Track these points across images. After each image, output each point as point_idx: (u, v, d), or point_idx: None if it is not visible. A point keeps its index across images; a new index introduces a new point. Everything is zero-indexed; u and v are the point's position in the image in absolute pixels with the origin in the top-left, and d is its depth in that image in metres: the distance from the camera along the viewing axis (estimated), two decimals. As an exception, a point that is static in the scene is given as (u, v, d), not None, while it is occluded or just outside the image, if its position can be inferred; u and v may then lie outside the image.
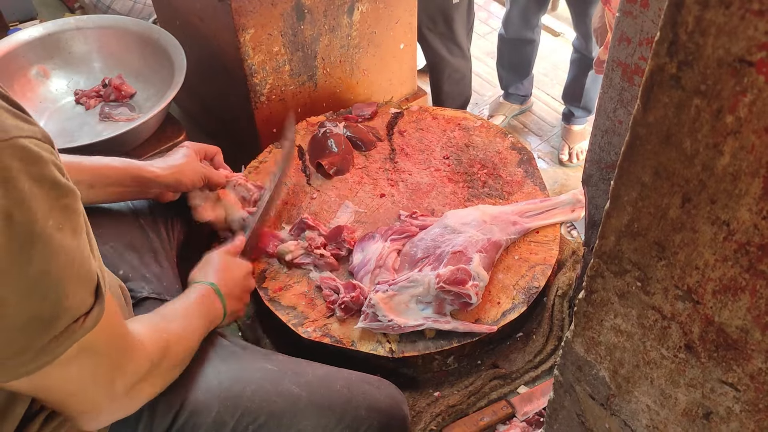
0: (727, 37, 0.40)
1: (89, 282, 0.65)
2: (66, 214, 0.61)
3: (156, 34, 1.71)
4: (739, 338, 0.50)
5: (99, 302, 0.67)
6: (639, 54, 0.85)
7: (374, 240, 1.35)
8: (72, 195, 0.62)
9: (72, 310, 0.63)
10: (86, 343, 0.68)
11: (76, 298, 0.63)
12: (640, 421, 0.67)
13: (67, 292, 0.61)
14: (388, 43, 1.82)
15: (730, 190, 0.44)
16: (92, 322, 0.66)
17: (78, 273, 0.63)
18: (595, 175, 1.08)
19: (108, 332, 0.73)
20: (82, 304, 0.64)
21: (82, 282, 0.63)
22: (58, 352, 0.64)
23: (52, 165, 0.59)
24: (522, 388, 1.32)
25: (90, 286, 0.65)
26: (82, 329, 0.65)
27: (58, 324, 0.62)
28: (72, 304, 0.62)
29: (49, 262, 0.59)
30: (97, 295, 0.67)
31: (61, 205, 0.60)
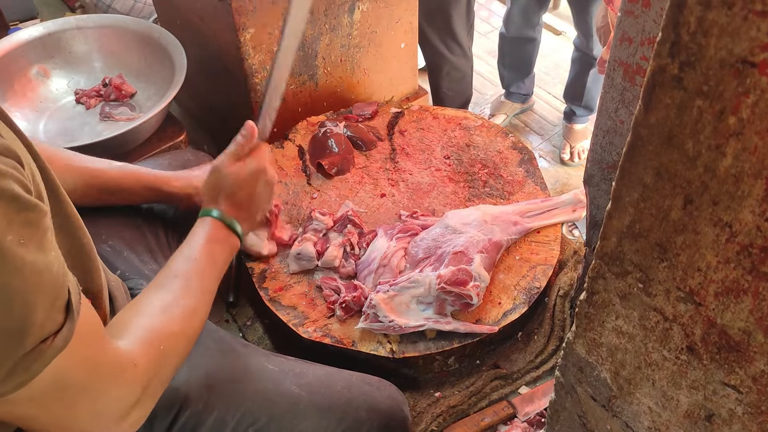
0: (729, 37, 0.39)
1: (58, 299, 0.61)
2: (29, 230, 0.58)
3: (156, 33, 1.70)
4: (741, 340, 0.50)
5: (69, 320, 0.63)
6: (640, 54, 0.84)
7: (378, 239, 1.35)
8: (36, 210, 0.59)
9: (40, 327, 0.59)
10: (62, 376, 0.64)
11: (44, 314, 0.60)
12: (642, 423, 0.67)
13: (35, 308, 0.58)
14: (389, 42, 1.82)
15: (732, 192, 0.44)
16: (62, 342, 0.62)
17: (46, 289, 0.59)
18: (596, 175, 1.08)
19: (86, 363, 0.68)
20: (51, 321, 0.60)
21: (50, 299, 0.60)
22: (27, 376, 0.60)
23: (12, 180, 0.56)
24: (523, 388, 1.32)
25: (60, 304, 0.62)
26: (51, 349, 0.61)
27: (26, 341, 0.58)
28: (39, 320, 0.59)
29: (11, 276, 0.56)
30: (68, 312, 0.63)
31: (22, 220, 0.57)
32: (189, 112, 2.06)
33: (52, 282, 0.60)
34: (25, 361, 0.59)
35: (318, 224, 1.39)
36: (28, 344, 0.59)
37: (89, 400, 0.69)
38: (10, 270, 0.56)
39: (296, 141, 1.64)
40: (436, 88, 2.45)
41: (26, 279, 0.57)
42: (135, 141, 1.60)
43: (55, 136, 1.65)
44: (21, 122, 1.65)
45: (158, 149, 1.63)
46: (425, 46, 2.31)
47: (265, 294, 1.32)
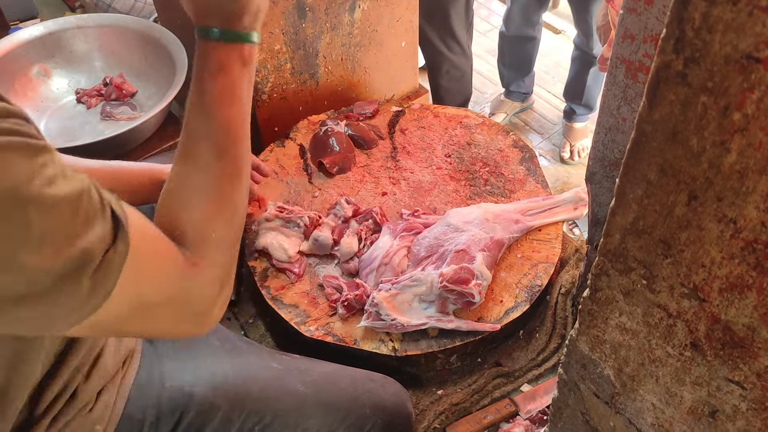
0: (734, 33, 0.40)
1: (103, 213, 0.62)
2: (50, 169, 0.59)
3: (157, 32, 1.70)
4: (745, 336, 0.50)
5: (120, 229, 0.63)
6: (643, 51, 0.84)
7: (382, 237, 1.35)
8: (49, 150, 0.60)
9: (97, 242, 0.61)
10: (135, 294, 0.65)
11: (97, 231, 0.61)
12: (645, 420, 0.67)
13: (87, 230, 0.60)
14: (390, 41, 1.82)
15: (737, 188, 0.44)
16: (123, 246, 0.63)
17: (88, 210, 0.61)
18: (598, 173, 1.08)
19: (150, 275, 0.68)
20: (104, 234, 0.62)
21: (96, 216, 0.61)
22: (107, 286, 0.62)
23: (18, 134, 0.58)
24: (525, 386, 1.32)
25: (105, 216, 0.63)
26: (117, 255, 0.62)
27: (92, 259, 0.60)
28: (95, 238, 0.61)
29: (56, 216, 0.58)
30: (116, 222, 0.64)
31: (41, 162, 0.58)
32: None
33: (91, 201, 0.62)
34: (98, 274, 0.61)
35: (339, 210, 1.40)
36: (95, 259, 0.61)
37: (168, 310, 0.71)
38: (53, 208, 0.57)
39: (297, 140, 1.64)
40: (435, 87, 2.45)
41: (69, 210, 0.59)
42: (136, 140, 1.60)
43: (56, 136, 1.65)
44: (22, 122, 1.65)
45: (159, 148, 1.63)
46: (424, 45, 2.31)
47: (267, 292, 1.32)
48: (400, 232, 1.35)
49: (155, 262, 0.69)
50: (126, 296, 0.65)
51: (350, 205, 1.42)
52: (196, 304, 0.73)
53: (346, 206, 1.41)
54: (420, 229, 1.37)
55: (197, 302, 0.73)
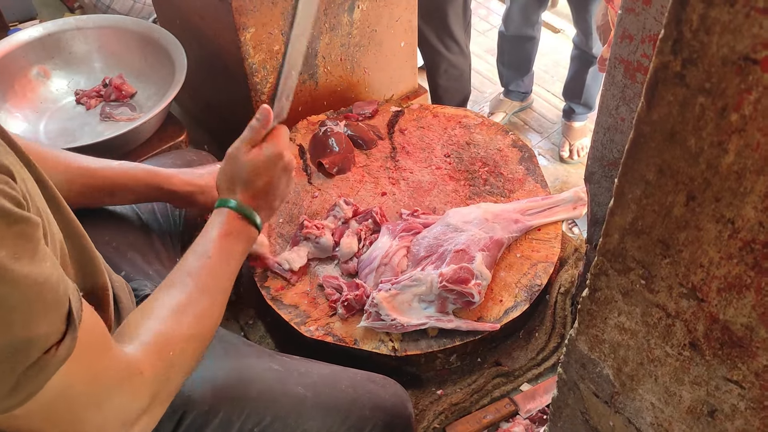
0: (731, 35, 0.40)
1: (59, 309, 0.61)
2: (23, 243, 0.57)
3: (156, 33, 1.70)
4: (744, 336, 0.50)
5: (71, 329, 0.62)
6: (641, 51, 0.85)
7: (381, 237, 1.35)
8: (28, 223, 0.58)
9: (43, 338, 0.59)
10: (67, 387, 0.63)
11: (45, 326, 0.59)
12: (645, 419, 0.67)
13: (35, 320, 0.58)
14: (389, 41, 1.82)
15: (734, 188, 0.44)
16: (66, 351, 0.61)
17: (45, 300, 0.59)
18: (597, 173, 1.08)
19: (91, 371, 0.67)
20: (52, 332, 0.60)
21: (50, 309, 0.59)
22: (33, 387, 0.60)
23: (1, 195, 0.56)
24: (525, 385, 1.32)
25: (61, 313, 0.61)
26: (56, 359, 0.60)
27: (29, 353, 0.58)
28: (41, 332, 0.58)
29: (8, 291, 0.55)
30: (69, 321, 0.62)
31: (14, 233, 0.56)
32: (189, 112, 2.06)
33: (50, 292, 0.60)
34: (29, 373, 0.59)
35: (338, 212, 1.40)
36: (32, 356, 0.58)
37: (95, 410, 0.68)
38: (7, 284, 0.55)
39: (297, 140, 1.64)
40: (434, 87, 2.45)
41: (24, 292, 0.56)
42: (135, 141, 1.60)
43: (56, 137, 1.65)
44: (21, 123, 1.65)
45: (159, 149, 1.63)
46: (422, 45, 2.31)
47: (267, 293, 1.32)
48: (399, 232, 1.35)
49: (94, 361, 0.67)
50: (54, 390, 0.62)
51: (349, 205, 1.42)
52: (121, 413, 0.70)
53: (345, 207, 1.41)
54: (419, 229, 1.37)
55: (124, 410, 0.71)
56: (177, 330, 0.80)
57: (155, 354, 0.76)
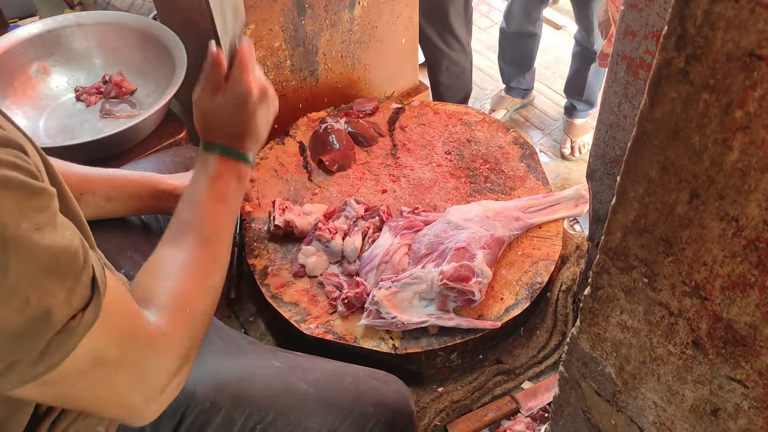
0: (736, 30, 0.39)
1: (82, 275, 0.61)
2: (42, 214, 0.58)
3: (156, 30, 1.70)
4: (747, 334, 0.50)
5: (96, 295, 0.63)
6: (644, 48, 0.84)
7: (383, 234, 1.35)
8: (45, 194, 0.59)
9: (65, 305, 0.60)
10: (97, 352, 0.65)
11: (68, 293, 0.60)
12: (647, 418, 0.67)
13: (56, 289, 0.59)
14: (390, 37, 1.81)
15: (738, 186, 0.44)
16: (92, 316, 0.62)
17: (67, 269, 0.60)
18: (599, 170, 1.08)
19: (120, 336, 0.68)
20: (78, 298, 0.61)
21: (70, 277, 0.60)
22: (62, 353, 0.61)
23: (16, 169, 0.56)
24: (526, 383, 1.32)
25: (84, 280, 0.62)
26: (82, 324, 0.61)
27: (53, 321, 0.59)
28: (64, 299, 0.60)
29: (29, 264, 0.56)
30: (94, 288, 0.63)
31: (34, 205, 0.57)
32: (189, 109, 2.04)
33: (72, 260, 0.61)
34: (57, 339, 0.60)
35: (350, 211, 1.39)
36: (56, 324, 0.59)
37: (126, 374, 0.70)
38: (27, 256, 0.56)
39: (297, 137, 1.64)
40: (435, 84, 2.45)
41: (45, 262, 0.57)
42: (135, 138, 1.60)
43: (56, 134, 1.65)
44: (21, 120, 1.65)
45: (159, 146, 1.63)
46: (424, 42, 2.31)
47: (267, 290, 1.32)
48: (401, 230, 1.35)
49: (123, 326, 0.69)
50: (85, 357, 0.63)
51: (360, 204, 1.41)
52: (153, 375, 0.72)
53: (357, 206, 1.40)
54: (420, 227, 1.37)
55: (155, 372, 0.72)
56: (190, 286, 0.81)
57: (176, 314, 0.77)
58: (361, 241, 1.35)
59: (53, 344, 0.60)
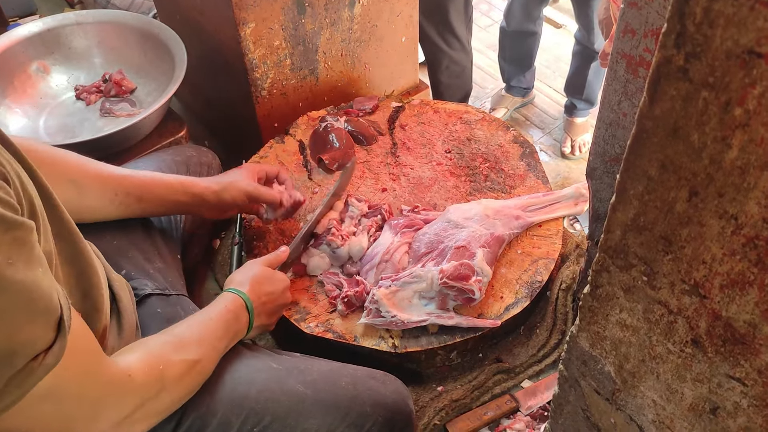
0: (736, 28, 0.39)
1: (48, 316, 0.61)
2: (15, 248, 0.57)
3: (156, 28, 1.70)
4: (747, 333, 0.50)
5: (61, 336, 0.63)
6: (644, 46, 0.84)
7: (384, 233, 1.35)
8: (23, 228, 0.59)
9: (29, 346, 0.59)
10: (54, 386, 0.64)
11: (33, 333, 0.60)
12: (646, 416, 0.67)
13: (22, 328, 0.58)
14: (390, 36, 1.81)
15: (738, 184, 0.44)
16: (53, 359, 0.62)
17: (34, 307, 0.59)
18: (599, 168, 1.08)
19: (79, 371, 0.68)
20: (40, 339, 0.60)
21: (39, 316, 0.60)
22: (19, 393, 0.60)
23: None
24: (526, 382, 1.32)
25: (50, 321, 0.61)
26: (43, 367, 0.61)
27: (15, 361, 0.58)
28: (28, 339, 0.59)
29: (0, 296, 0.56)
30: (59, 329, 0.63)
31: (9, 239, 0.57)
32: (189, 108, 2.06)
33: (41, 299, 0.60)
34: (16, 379, 0.59)
35: (353, 210, 1.39)
36: (19, 363, 0.59)
37: (83, 411, 0.70)
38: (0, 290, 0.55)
39: (297, 136, 1.64)
40: (435, 83, 2.45)
41: (12, 299, 0.57)
42: (136, 137, 1.60)
43: (56, 133, 1.65)
44: (21, 119, 1.65)
45: (159, 145, 1.63)
46: (424, 41, 2.31)
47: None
48: (401, 228, 1.35)
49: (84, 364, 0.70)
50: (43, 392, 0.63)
51: (362, 202, 1.41)
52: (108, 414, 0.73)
53: (359, 204, 1.40)
54: (420, 225, 1.37)
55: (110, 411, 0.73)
56: (170, 355, 0.85)
57: (146, 364, 0.79)
58: (368, 241, 1.34)
59: (13, 383, 0.59)
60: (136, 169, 1.22)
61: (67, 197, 0.98)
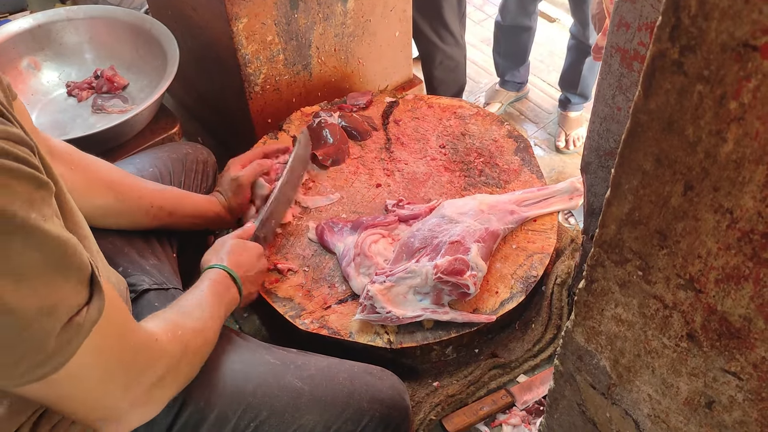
0: (730, 21, 0.39)
1: (80, 273, 0.63)
2: (46, 206, 0.60)
3: (148, 24, 1.68)
4: (742, 327, 0.50)
5: (97, 292, 0.65)
6: (638, 39, 0.84)
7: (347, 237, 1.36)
8: (49, 188, 0.61)
9: (68, 301, 0.61)
10: (95, 346, 0.66)
11: (70, 289, 0.61)
12: (642, 411, 0.67)
13: (59, 283, 0.60)
14: (383, 31, 1.80)
15: (733, 178, 0.44)
16: (96, 312, 0.64)
17: (69, 263, 0.61)
18: (593, 163, 1.07)
19: (117, 331, 0.71)
20: (78, 294, 0.62)
21: (73, 273, 0.62)
22: (70, 350, 0.62)
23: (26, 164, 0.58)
24: (521, 377, 1.32)
25: (83, 277, 0.63)
26: (88, 320, 0.63)
27: (58, 316, 0.60)
28: (66, 294, 0.61)
29: (38, 253, 0.58)
30: (93, 285, 0.65)
31: (40, 197, 0.59)
32: (182, 104, 2.04)
33: (74, 255, 0.62)
34: (66, 334, 0.61)
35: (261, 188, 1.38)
36: (62, 317, 0.61)
37: (122, 374, 0.73)
38: (36, 245, 0.57)
39: (290, 132, 1.63)
40: (429, 78, 2.44)
41: (52, 253, 0.59)
42: (128, 133, 1.59)
43: (48, 129, 1.63)
44: (12, 115, 1.64)
45: (152, 141, 1.62)
46: (417, 36, 2.30)
47: (261, 286, 1.31)
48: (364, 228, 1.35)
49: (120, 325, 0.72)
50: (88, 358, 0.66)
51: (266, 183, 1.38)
52: (143, 377, 0.76)
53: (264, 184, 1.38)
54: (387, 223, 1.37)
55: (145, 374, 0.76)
56: (186, 322, 0.88)
57: (170, 330, 0.83)
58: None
59: (61, 339, 0.61)
60: (132, 165, 1.26)
61: (105, 202, 1.06)
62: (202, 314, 0.94)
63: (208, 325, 0.94)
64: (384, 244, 1.34)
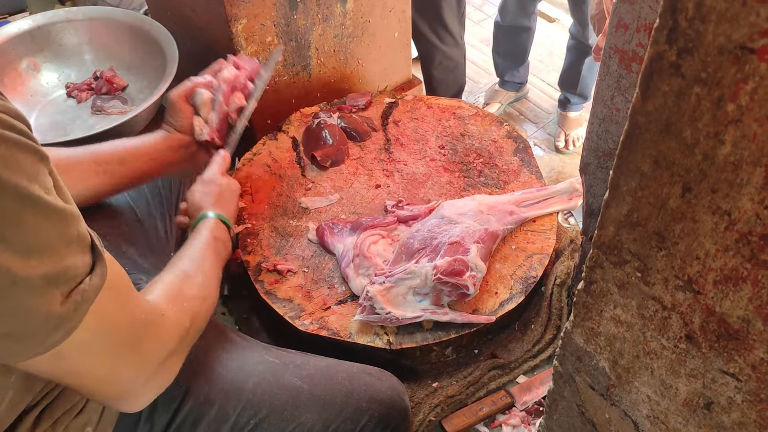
0: (728, 23, 0.39)
1: (81, 242, 0.64)
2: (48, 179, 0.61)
3: (147, 25, 1.69)
4: (740, 328, 0.50)
5: (99, 261, 0.66)
6: (636, 40, 0.84)
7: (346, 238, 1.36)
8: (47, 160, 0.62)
9: (72, 269, 0.62)
10: (102, 320, 0.67)
11: (73, 257, 0.62)
12: (641, 411, 0.67)
13: (62, 252, 0.61)
14: (382, 32, 1.81)
15: (731, 180, 0.44)
16: (100, 279, 0.65)
17: (70, 234, 0.62)
18: (592, 164, 1.07)
19: (125, 309, 0.71)
20: (80, 263, 0.63)
21: (74, 242, 0.63)
22: (76, 318, 0.63)
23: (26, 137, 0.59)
24: (521, 377, 1.32)
25: (84, 246, 0.64)
26: (92, 287, 0.64)
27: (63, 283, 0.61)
28: (70, 263, 0.62)
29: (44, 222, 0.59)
30: (94, 253, 0.66)
31: (41, 169, 0.60)
32: (182, 105, 2.04)
33: (74, 225, 0.63)
34: (70, 303, 0.62)
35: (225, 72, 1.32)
36: (68, 285, 0.61)
37: (132, 348, 0.73)
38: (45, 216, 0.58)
39: (290, 132, 1.63)
40: (428, 78, 2.44)
41: (55, 223, 0.60)
42: (128, 134, 1.58)
43: (47, 131, 1.64)
44: (12, 117, 1.64)
45: (151, 142, 1.62)
46: (417, 36, 2.30)
47: (261, 287, 1.31)
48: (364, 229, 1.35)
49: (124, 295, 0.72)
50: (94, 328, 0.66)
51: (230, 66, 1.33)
52: (151, 352, 0.76)
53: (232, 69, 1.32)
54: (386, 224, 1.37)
55: (154, 349, 0.76)
56: (186, 289, 0.88)
57: (172, 301, 0.83)
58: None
59: (68, 308, 0.61)
60: None
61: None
62: (205, 278, 0.94)
63: (211, 290, 0.95)
64: (383, 244, 1.34)
